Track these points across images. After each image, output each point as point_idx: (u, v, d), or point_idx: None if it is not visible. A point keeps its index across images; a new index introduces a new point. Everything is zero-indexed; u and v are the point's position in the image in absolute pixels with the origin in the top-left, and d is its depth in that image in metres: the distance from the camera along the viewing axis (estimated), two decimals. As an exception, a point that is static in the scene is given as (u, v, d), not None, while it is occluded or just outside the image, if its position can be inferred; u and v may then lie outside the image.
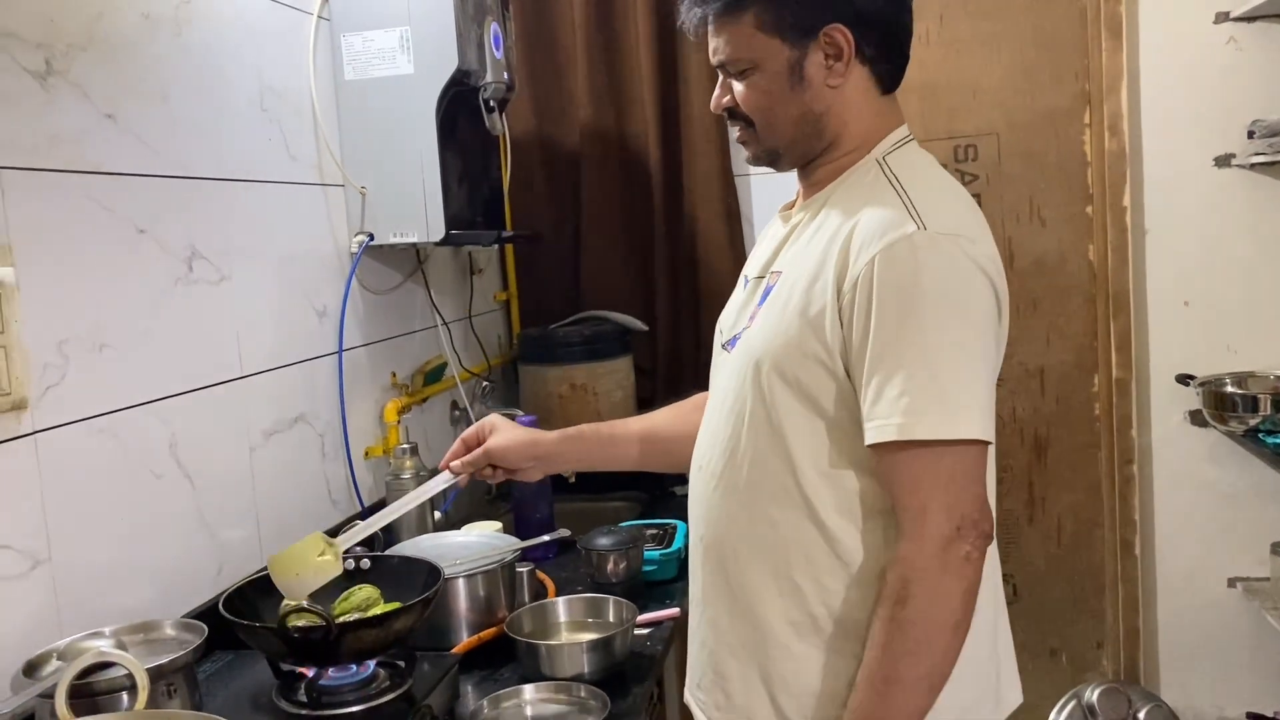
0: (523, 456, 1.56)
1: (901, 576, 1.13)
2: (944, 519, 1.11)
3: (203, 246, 1.68)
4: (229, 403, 1.73)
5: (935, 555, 1.11)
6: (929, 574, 1.11)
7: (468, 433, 1.58)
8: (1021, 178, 2.82)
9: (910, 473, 1.13)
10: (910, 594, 1.11)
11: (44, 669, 1.25)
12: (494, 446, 1.54)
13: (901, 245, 1.13)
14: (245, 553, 1.75)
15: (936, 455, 1.12)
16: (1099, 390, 2.83)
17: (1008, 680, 1.32)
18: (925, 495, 1.12)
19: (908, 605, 1.11)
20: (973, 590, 1.13)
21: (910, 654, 1.12)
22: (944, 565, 1.11)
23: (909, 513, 1.13)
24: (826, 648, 1.21)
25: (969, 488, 1.13)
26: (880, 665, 1.13)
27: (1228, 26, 2.63)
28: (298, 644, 1.30)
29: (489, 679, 1.56)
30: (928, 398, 1.11)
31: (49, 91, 1.39)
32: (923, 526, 1.12)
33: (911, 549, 1.13)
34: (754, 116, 1.28)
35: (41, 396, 1.35)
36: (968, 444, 1.12)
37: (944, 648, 1.12)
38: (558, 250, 2.94)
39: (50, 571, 1.36)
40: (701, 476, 1.34)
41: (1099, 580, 2.88)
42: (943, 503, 1.12)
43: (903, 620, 1.12)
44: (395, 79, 2.07)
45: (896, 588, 1.13)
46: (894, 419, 1.11)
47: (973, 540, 1.12)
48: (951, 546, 1.11)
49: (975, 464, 1.14)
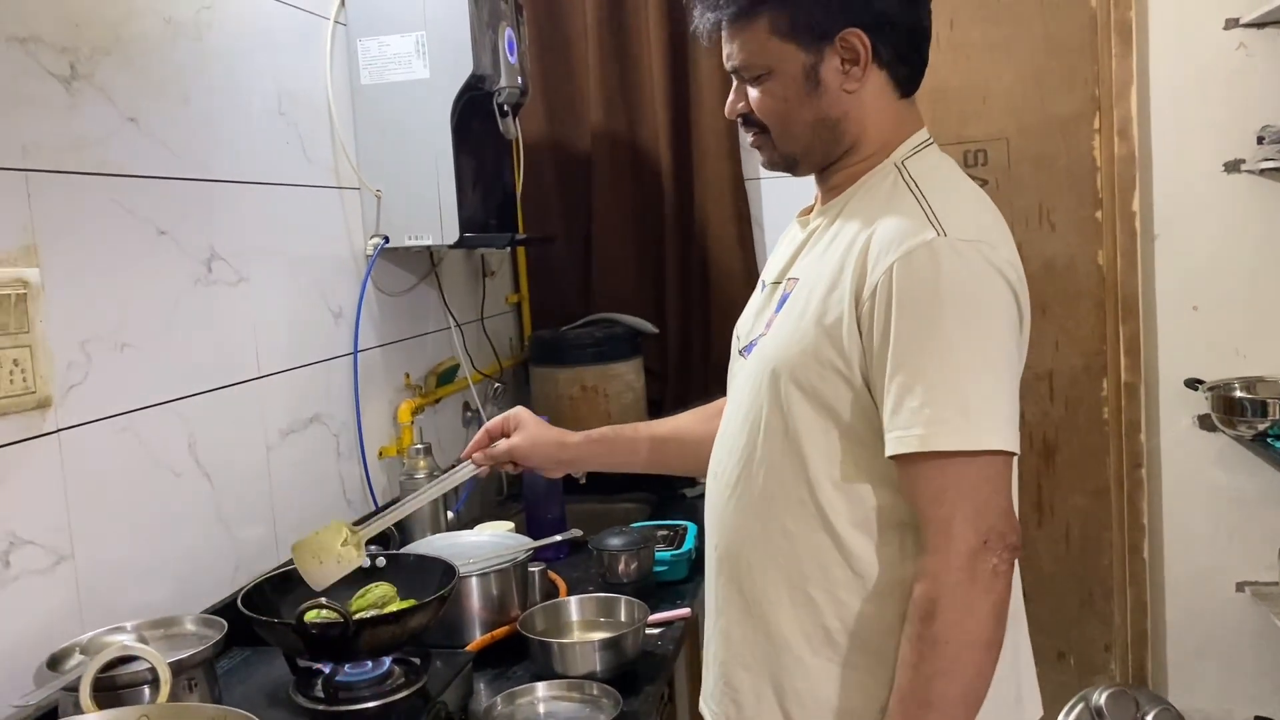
0: (547, 459, 1.56)
1: (927, 593, 1.09)
2: (970, 532, 1.08)
3: (221, 248, 1.70)
4: (246, 402, 1.76)
5: (962, 569, 1.08)
6: (957, 589, 1.08)
7: (492, 424, 1.57)
8: (1031, 182, 2.83)
9: (934, 485, 1.10)
10: (938, 610, 1.08)
11: (67, 662, 1.27)
12: (518, 446, 1.54)
13: (921, 252, 1.11)
14: (262, 550, 1.78)
15: (960, 466, 1.09)
16: (1108, 394, 2.84)
17: (1029, 693, 1.30)
18: (950, 508, 1.09)
19: (935, 621, 1.08)
20: (1002, 605, 1.10)
21: (943, 674, 1.08)
22: (972, 579, 1.08)
23: (933, 526, 1.10)
24: (840, 661, 1.19)
25: (994, 500, 1.10)
26: (913, 688, 1.10)
27: (1238, 32, 2.64)
28: (315, 640, 1.32)
29: (502, 676, 1.58)
30: (950, 408, 1.08)
31: (73, 95, 1.41)
32: (948, 540, 1.09)
33: (937, 563, 1.09)
34: (769, 122, 1.26)
35: (65, 395, 1.37)
36: (992, 455, 1.10)
37: (977, 666, 1.09)
38: (569, 253, 2.96)
39: (73, 567, 1.38)
40: (717, 485, 1.32)
41: (1107, 584, 2.89)
42: (968, 516, 1.08)
43: (931, 638, 1.08)
44: (411, 83, 2.09)
45: (923, 604, 1.09)
46: (915, 430, 1.09)
47: (1000, 553, 1.09)
48: (978, 560, 1.08)
49: (1000, 475, 1.11)
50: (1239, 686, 2.79)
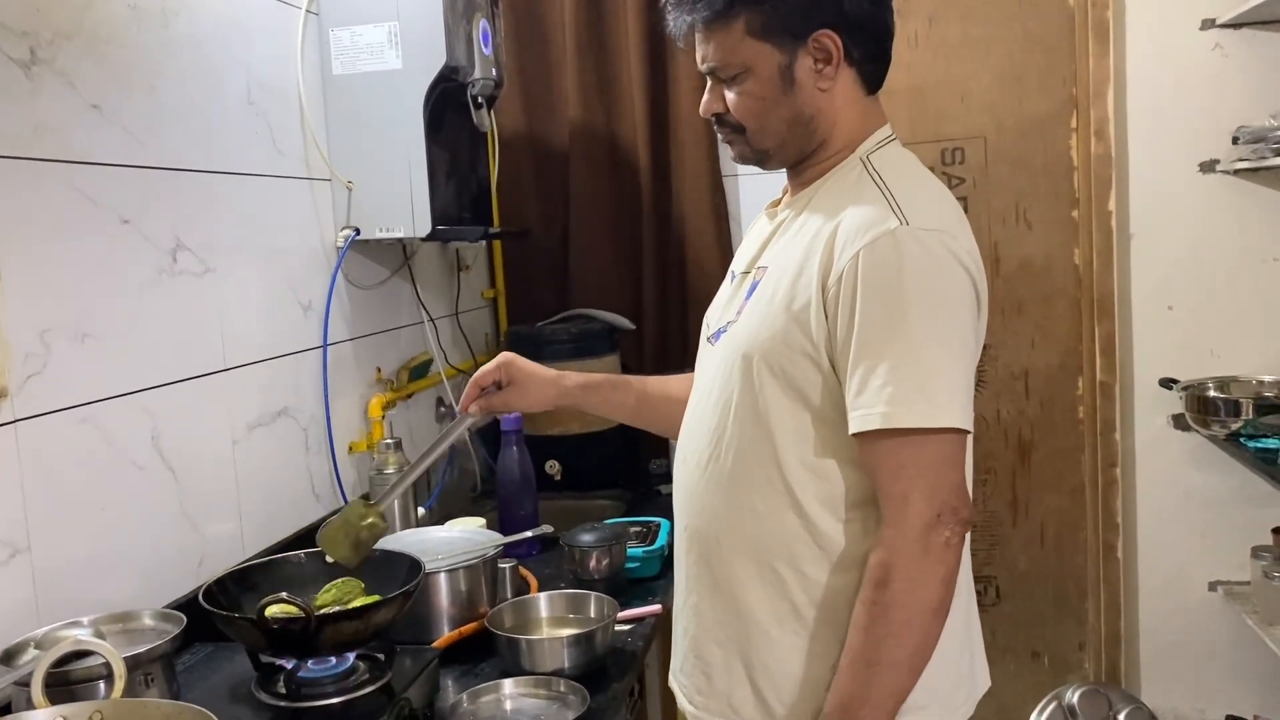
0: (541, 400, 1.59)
1: (883, 561, 1.15)
2: (925, 505, 1.14)
3: (187, 238, 1.68)
4: (212, 395, 1.73)
5: (916, 540, 1.14)
6: (910, 558, 1.14)
7: (481, 374, 1.57)
8: (1008, 182, 2.83)
9: (893, 460, 1.15)
10: (892, 578, 1.14)
11: (21, 657, 1.25)
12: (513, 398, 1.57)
13: (885, 240, 1.16)
14: (227, 545, 1.75)
15: (919, 444, 1.14)
16: (1083, 393, 2.84)
17: (980, 667, 1.36)
18: (907, 482, 1.15)
19: (889, 588, 1.14)
20: (952, 575, 1.16)
21: (892, 636, 1.14)
22: (925, 550, 1.14)
23: (891, 499, 1.16)
24: (807, 634, 1.24)
25: (949, 475, 1.16)
26: (863, 648, 1.16)
27: (1214, 33, 2.65)
28: (277, 635, 1.30)
29: (469, 673, 1.56)
30: (911, 388, 1.13)
31: (34, 80, 1.39)
32: (904, 513, 1.14)
33: (893, 534, 1.15)
34: (746, 122, 1.29)
35: (23, 385, 1.35)
36: (949, 433, 1.15)
37: (924, 630, 1.15)
38: (546, 248, 2.94)
39: (29, 560, 1.35)
40: (686, 468, 1.36)
41: (1081, 583, 2.89)
42: (924, 490, 1.14)
43: (885, 603, 1.14)
44: (383, 74, 2.07)
45: (878, 572, 1.15)
46: (878, 408, 1.14)
47: (952, 526, 1.15)
48: (932, 532, 1.14)
49: (956, 452, 1.17)
50: (1211, 685, 2.80)
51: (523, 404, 1.59)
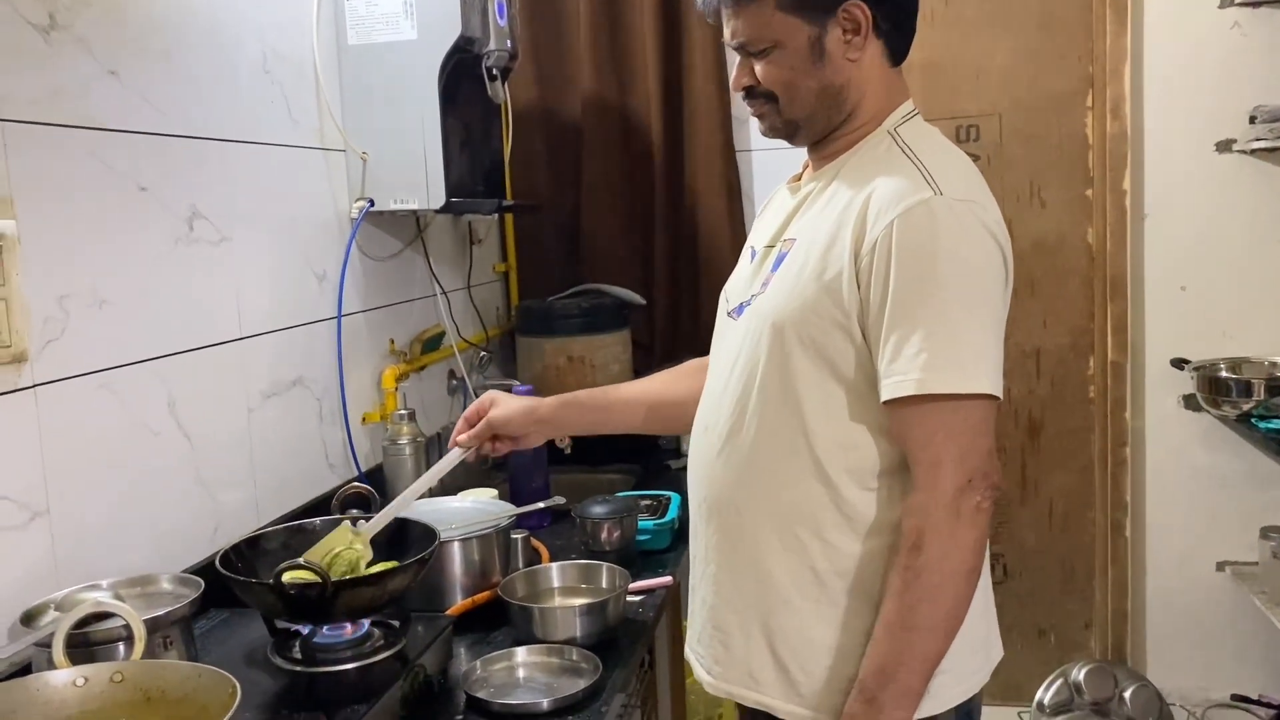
0: (524, 423, 1.59)
1: (916, 526, 1.17)
2: (958, 471, 1.15)
3: (203, 207, 1.68)
4: (227, 363, 1.74)
5: (949, 505, 1.15)
6: (943, 523, 1.15)
7: (469, 410, 1.62)
8: (1023, 159, 2.82)
9: (926, 427, 1.17)
10: (925, 542, 1.16)
11: (42, 619, 1.26)
12: (495, 417, 1.58)
13: (920, 210, 1.17)
14: (242, 513, 1.76)
15: (951, 410, 1.16)
16: (1094, 373, 2.84)
17: (994, 636, 1.38)
18: (939, 448, 1.16)
19: (922, 553, 1.16)
20: (983, 539, 1.18)
21: (927, 600, 1.16)
22: (957, 514, 1.15)
23: (923, 465, 1.17)
24: (828, 602, 1.25)
25: (980, 441, 1.17)
26: (898, 612, 1.17)
27: (1232, 11, 2.63)
28: (294, 601, 1.31)
29: (482, 641, 1.57)
30: (945, 355, 1.15)
31: (52, 45, 1.38)
32: (937, 478, 1.16)
33: (926, 499, 1.16)
34: (777, 90, 1.30)
35: (42, 350, 1.35)
36: (981, 399, 1.17)
37: (957, 593, 1.17)
38: (557, 222, 2.94)
39: (48, 524, 1.36)
40: (707, 438, 1.37)
41: (1089, 562, 2.90)
42: (956, 455, 1.16)
43: (918, 568, 1.16)
44: (398, 44, 2.06)
45: (912, 537, 1.17)
46: (912, 374, 1.15)
47: (983, 491, 1.16)
48: (964, 497, 1.15)
49: (986, 418, 1.18)
50: (1217, 665, 2.82)
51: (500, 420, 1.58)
